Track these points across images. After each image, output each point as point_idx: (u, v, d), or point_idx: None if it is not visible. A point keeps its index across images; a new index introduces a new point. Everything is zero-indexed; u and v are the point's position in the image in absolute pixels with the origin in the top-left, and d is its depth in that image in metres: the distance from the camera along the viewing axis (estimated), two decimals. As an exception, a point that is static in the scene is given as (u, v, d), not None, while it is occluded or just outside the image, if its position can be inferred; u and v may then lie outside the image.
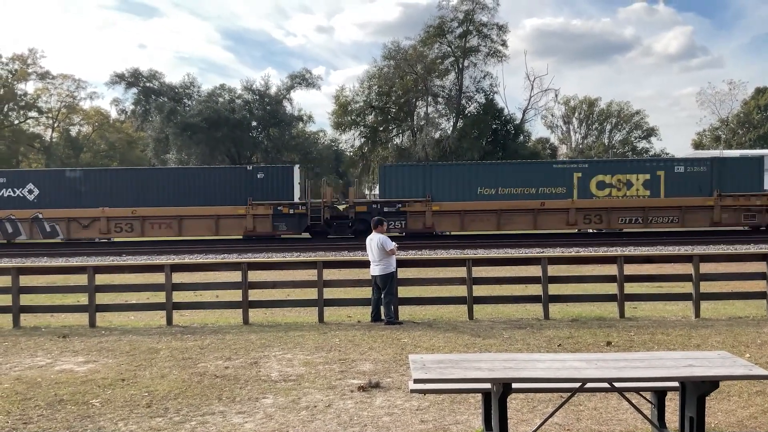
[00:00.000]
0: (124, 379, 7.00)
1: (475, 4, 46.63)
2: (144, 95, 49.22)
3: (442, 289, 11.56)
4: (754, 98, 58.69)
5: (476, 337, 8.80)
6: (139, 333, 9.69)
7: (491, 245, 23.22)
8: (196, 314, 11.26)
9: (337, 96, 51.04)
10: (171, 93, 48.91)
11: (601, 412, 5.64)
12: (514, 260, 13.13)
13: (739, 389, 6.18)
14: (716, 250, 19.82)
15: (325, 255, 20.89)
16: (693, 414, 4.58)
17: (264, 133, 49.05)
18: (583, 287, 11.60)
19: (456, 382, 4.51)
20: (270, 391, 6.46)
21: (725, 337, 8.57)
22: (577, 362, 4.65)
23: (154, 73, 49.99)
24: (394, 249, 10.06)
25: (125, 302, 11.96)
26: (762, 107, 57.56)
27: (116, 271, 13.23)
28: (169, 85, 49.80)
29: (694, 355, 4.85)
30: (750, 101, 58.88)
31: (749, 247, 20.96)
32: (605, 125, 68.14)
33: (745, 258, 12.12)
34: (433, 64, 47.91)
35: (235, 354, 8.10)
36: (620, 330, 9.18)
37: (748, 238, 23.73)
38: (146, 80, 49.55)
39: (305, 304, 10.84)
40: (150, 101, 48.42)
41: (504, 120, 49.48)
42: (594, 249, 21.25)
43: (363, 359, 7.70)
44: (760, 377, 4.34)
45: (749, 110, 58.41)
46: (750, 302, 10.93)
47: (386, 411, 5.78)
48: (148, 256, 21.75)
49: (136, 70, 49.21)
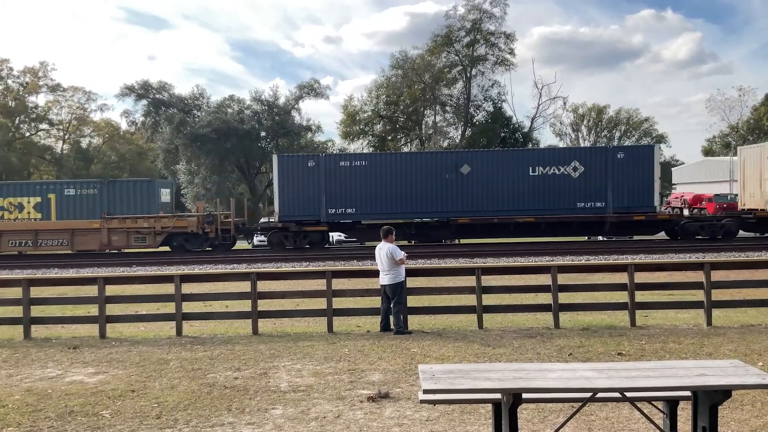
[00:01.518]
0: (134, 391, 7.01)
1: (482, 13, 46.87)
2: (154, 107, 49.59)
3: (452, 298, 11.53)
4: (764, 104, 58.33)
5: (486, 347, 8.76)
6: (148, 344, 9.70)
7: (501, 254, 23.16)
8: (205, 325, 11.28)
9: (345, 105, 51.32)
10: (180, 104, 49.28)
11: (612, 422, 5.59)
12: (524, 269, 13.10)
13: (752, 398, 6.12)
14: (728, 258, 19.68)
15: (334, 264, 20.89)
16: (705, 424, 4.53)
17: (273, 143, 49.23)
18: (593, 296, 11.52)
19: (466, 393, 4.49)
20: (279, 402, 6.45)
21: (738, 346, 8.49)
22: (588, 372, 4.61)
23: (163, 84, 50.44)
24: (404, 258, 10.05)
25: (135, 313, 11.99)
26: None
27: (126, 282, 13.27)
28: (179, 96, 50.18)
29: (706, 364, 4.81)
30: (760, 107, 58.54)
31: (761, 254, 20.79)
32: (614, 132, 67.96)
33: (757, 265, 12.04)
34: (441, 73, 48.07)
35: (245, 364, 8.10)
36: (631, 339, 9.11)
37: (761, 245, 23.56)
38: (156, 92, 49.94)
39: (314, 314, 10.83)
40: (160, 113, 48.77)
41: (512, 128, 49.53)
42: (604, 257, 21.14)
43: (372, 369, 7.67)
44: (773, 386, 4.29)
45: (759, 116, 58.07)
46: (762, 310, 10.83)
47: (396, 422, 5.75)
48: (158, 267, 21.82)
49: (146, 81, 49.64)
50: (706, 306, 10.17)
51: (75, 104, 66.12)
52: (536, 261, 20.65)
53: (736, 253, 21.38)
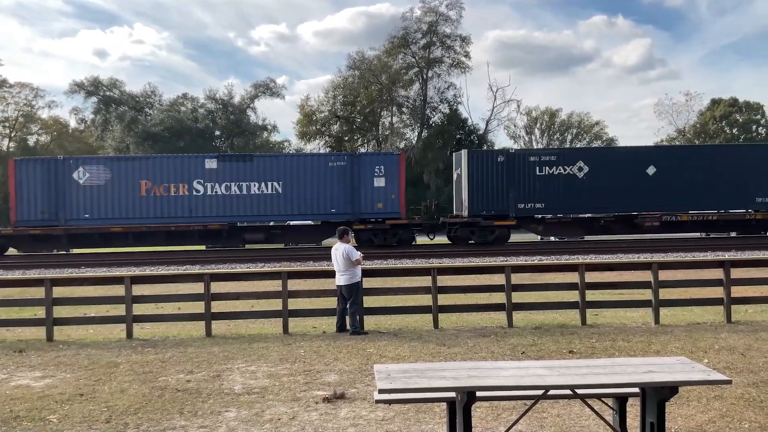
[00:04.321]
0: (82, 395, 6.82)
1: (438, 16, 47.21)
2: (104, 104, 48.55)
3: (408, 298, 11.57)
4: (710, 109, 60.30)
5: (441, 346, 8.81)
6: (98, 347, 9.46)
7: (456, 254, 23.35)
8: (157, 327, 11.06)
9: (302, 105, 51.02)
10: (132, 102, 48.34)
11: (564, 419, 5.69)
12: (479, 269, 13.20)
13: (698, 394, 6.30)
14: (675, 258, 20.26)
15: (290, 265, 20.74)
16: (653, 419, 4.65)
17: (228, 142, 48.66)
18: (545, 295, 11.73)
19: (421, 392, 4.50)
20: (233, 405, 6.36)
21: (684, 343, 8.74)
22: (540, 370, 4.69)
23: (114, 81, 49.44)
24: (360, 259, 10.05)
25: (84, 315, 11.68)
26: (717, 118, 59.16)
27: (75, 284, 12.90)
28: (130, 94, 49.23)
29: (654, 361, 4.93)
30: (706, 112, 60.45)
31: (707, 254, 21.46)
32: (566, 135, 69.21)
33: (703, 265, 12.43)
34: (398, 75, 48.25)
35: (197, 367, 7.97)
36: (582, 337, 9.30)
37: (706, 245, 24.31)
38: (106, 89, 48.90)
39: (269, 315, 10.72)
40: (110, 110, 47.75)
41: (468, 130, 50.03)
42: (556, 257, 21.51)
43: (328, 370, 7.64)
44: (718, 382, 4.43)
45: (705, 121, 59.95)
46: (708, 308, 11.18)
47: (351, 422, 5.74)
48: (108, 268, 21.30)
49: (95, 78, 48.57)
50: (654, 305, 10.46)
51: (22, 101, 63.97)
52: (491, 261, 20.88)
53: (683, 254, 22.03)
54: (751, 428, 5.40)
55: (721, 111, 59.07)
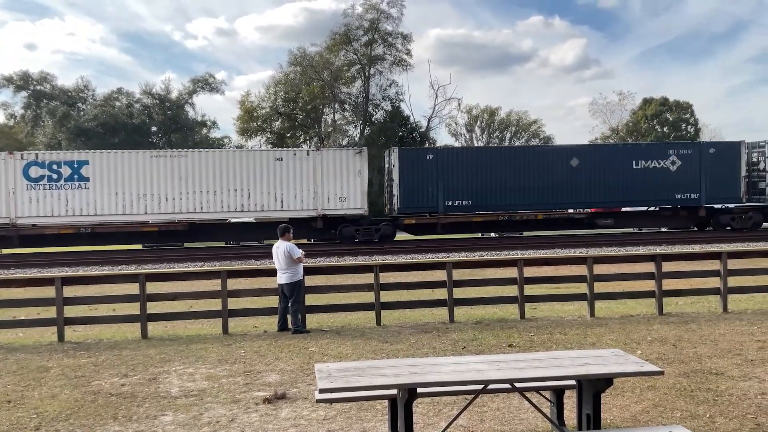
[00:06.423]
0: (10, 401, 6.53)
1: (380, 13, 47.19)
2: (34, 99, 46.69)
3: (351, 295, 11.54)
4: (641, 108, 62.27)
5: (384, 343, 8.82)
6: (27, 351, 9.08)
7: (399, 251, 23.45)
8: (90, 329, 10.69)
9: (242, 101, 50.13)
10: (64, 97, 46.64)
11: (503, 413, 5.77)
12: (421, 266, 13.22)
13: (632, 385, 6.49)
14: (609, 252, 20.88)
15: (230, 264, 20.41)
16: (590, 411, 4.76)
17: (165, 138, 47.53)
18: (486, 290, 11.89)
19: (362, 390, 4.48)
20: (170, 408, 6.20)
21: (618, 335, 9.00)
22: (480, 364, 4.73)
23: (45, 75, 47.58)
24: (302, 257, 9.96)
25: (13, 318, 11.20)
26: (649, 117, 61.17)
27: (2, 285, 12.33)
28: (62, 88, 47.48)
29: (589, 354, 5.05)
30: (638, 111, 62.41)
31: (639, 248, 22.20)
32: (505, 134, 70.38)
33: (635, 259, 12.83)
34: (340, 71, 48.04)
35: (133, 370, 7.74)
36: (521, 331, 9.46)
37: (639, 240, 25.17)
38: (37, 83, 47.03)
39: (208, 316, 10.49)
40: (41, 105, 45.95)
41: (410, 128, 50.24)
42: (496, 253, 21.87)
43: (269, 370, 7.54)
44: (651, 373, 4.56)
45: (637, 120, 61.90)
46: (641, 301, 11.54)
47: (292, 422, 5.67)
48: (39, 269, 20.50)
49: (25, 72, 46.62)
50: (589, 298, 10.74)
51: (-56, 95, 61.06)
52: (433, 257, 21.05)
53: (616, 248, 22.73)
54: (682, 416, 5.59)
55: (652, 110, 61.09)
